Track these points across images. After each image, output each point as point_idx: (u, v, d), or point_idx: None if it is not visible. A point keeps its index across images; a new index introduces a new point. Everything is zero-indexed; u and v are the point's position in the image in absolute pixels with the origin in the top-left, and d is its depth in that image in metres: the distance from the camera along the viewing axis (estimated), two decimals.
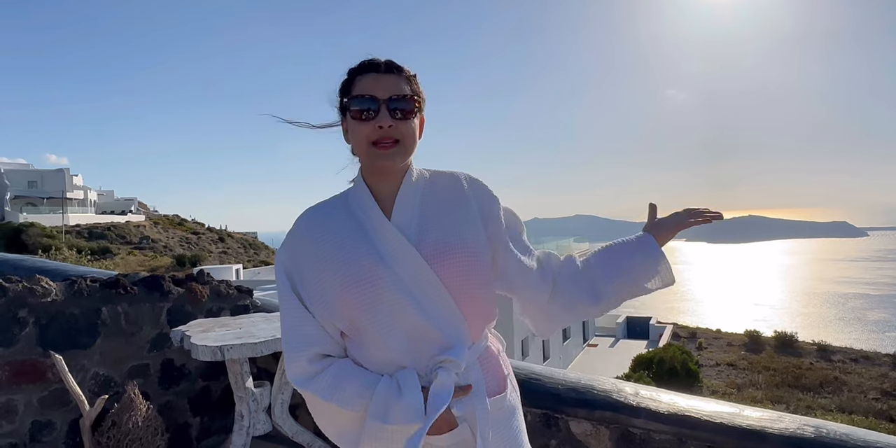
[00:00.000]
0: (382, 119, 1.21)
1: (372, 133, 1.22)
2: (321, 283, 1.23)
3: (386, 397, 1.17)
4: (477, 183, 1.35)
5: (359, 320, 1.22)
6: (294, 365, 1.25)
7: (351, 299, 1.20)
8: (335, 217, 1.29)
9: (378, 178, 1.29)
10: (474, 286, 1.26)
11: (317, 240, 1.26)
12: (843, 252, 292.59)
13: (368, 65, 1.27)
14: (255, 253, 53.45)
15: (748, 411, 2.12)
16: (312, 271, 1.25)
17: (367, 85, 1.24)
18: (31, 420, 2.64)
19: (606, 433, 2.24)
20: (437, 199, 1.30)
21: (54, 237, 38.14)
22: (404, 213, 1.26)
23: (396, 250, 1.22)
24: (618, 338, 31.30)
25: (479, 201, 1.33)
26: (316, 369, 1.23)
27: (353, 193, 1.32)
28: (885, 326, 68.28)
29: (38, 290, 2.68)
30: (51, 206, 50.53)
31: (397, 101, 1.22)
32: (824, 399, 22.98)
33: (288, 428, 2.88)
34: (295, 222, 1.33)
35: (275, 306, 3.52)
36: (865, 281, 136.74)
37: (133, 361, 2.97)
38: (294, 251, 1.29)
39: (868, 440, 1.88)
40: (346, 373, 1.23)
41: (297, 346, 1.25)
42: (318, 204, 1.35)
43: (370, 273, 1.20)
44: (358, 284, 1.20)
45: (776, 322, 58.68)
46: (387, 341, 1.21)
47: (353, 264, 1.21)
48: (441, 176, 1.34)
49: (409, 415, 1.15)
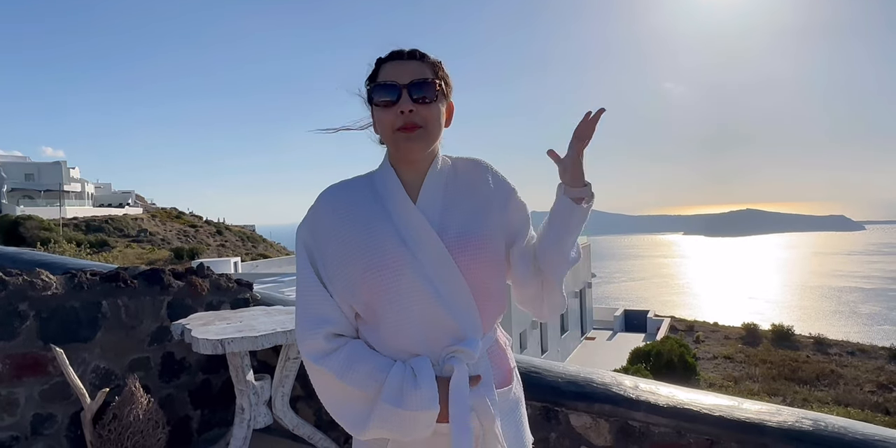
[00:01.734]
0: (403, 103, 1.22)
1: (396, 119, 1.23)
2: (343, 265, 1.24)
3: (401, 383, 1.18)
4: (496, 173, 1.37)
5: (377, 304, 1.23)
6: (309, 341, 1.25)
7: (372, 283, 1.22)
8: (360, 198, 1.30)
9: (405, 166, 1.30)
10: (491, 277, 1.28)
11: (341, 220, 1.27)
12: (840, 246, 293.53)
13: (393, 53, 1.28)
14: (253, 246, 53.41)
15: (747, 404, 2.13)
16: (334, 251, 1.25)
17: (389, 72, 1.25)
18: (33, 413, 2.65)
19: (606, 426, 2.25)
20: (460, 188, 1.31)
21: (52, 230, 38.06)
22: (429, 200, 1.27)
23: (420, 236, 1.23)
24: (615, 331, 31.38)
25: (498, 190, 1.34)
26: (332, 347, 1.24)
27: (378, 176, 1.32)
28: (878, 319, 68.70)
29: (39, 284, 2.68)
30: (48, 198, 50.38)
31: (418, 85, 1.23)
32: (821, 392, 23.11)
33: (288, 421, 2.89)
34: (317, 199, 1.33)
35: (275, 300, 3.53)
36: (860, 274, 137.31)
37: (134, 355, 2.98)
38: (316, 229, 1.29)
39: (866, 433, 1.89)
40: (360, 353, 1.24)
41: (313, 322, 1.25)
42: (342, 182, 1.35)
43: (393, 258, 1.21)
44: (380, 269, 1.21)
45: (773, 315, 58.96)
46: (403, 328, 1.23)
47: (377, 248, 1.22)
48: (463, 162, 1.36)
49: (424, 402, 1.17)
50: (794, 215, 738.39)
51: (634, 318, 32.91)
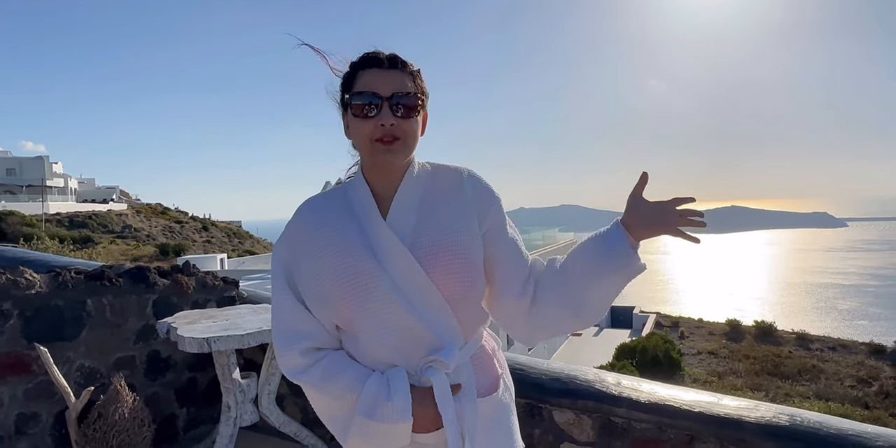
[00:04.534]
0: (385, 117, 1.19)
1: (374, 131, 1.20)
2: (318, 279, 1.23)
3: (375, 394, 1.19)
4: (479, 181, 1.32)
5: (353, 317, 1.23)
6: (286, 357, 1.26)
7: (345, 296, 1.21)
8: (333, 211, 1.29)
9: (378, 176, 1.27)
10: (468, 287, 1.25)
11: (314, 234, 1.26)
12: (822, 242, 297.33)
13: (371, 59, 1.23)
14: (239, 242, 53.04)
15: (726, 400, 2.18)
16: (309, 266, 1.25)
17: (370, 81, 1.21)
18: (17, 412, 2.63)
19: (589, 422, 2.29)
20: (437, 199, 1.28)
21: (34, 226, 37.55)
22: (401, 213, 1.25)
23: (390, 251, 1.21)
24: (602, 327, 31.59)
25: (479, 200, 1.30)
26: (308, 362, 1.25)
27: (351, 188, 1.30)
28: (855, 315, 69.87)
29: (22, 282, 2.67)
30: (30, 193, 49.66)
31: (400, 98, 1.20)
32: (802, 387, 23.46)
33: (275, 418, 2.90)
34: (294, 214, 1.32)
35: (261, 298, 3.52)
36: (838, 271, 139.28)
37: (119, 353, 2.97)
38: (292, 244, 1.29)
39: (840, 428, 1.94)
40: (337, 366, 1.24)
41: (289, 338, 1.26)
42: (317, 196, 1.34)
43: (365, 274, 1.20)
44: (352, 282, 1.20)
45: (756, 311, 59.64)
46: (378, 340, 1.23)
47: (348, 263, 1.21)
48: (444, 170, 1.32)
49: (395, 414, 1.17)
50: (778, 212, 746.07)
51: (620, 314, 33.15)
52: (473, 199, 1.29)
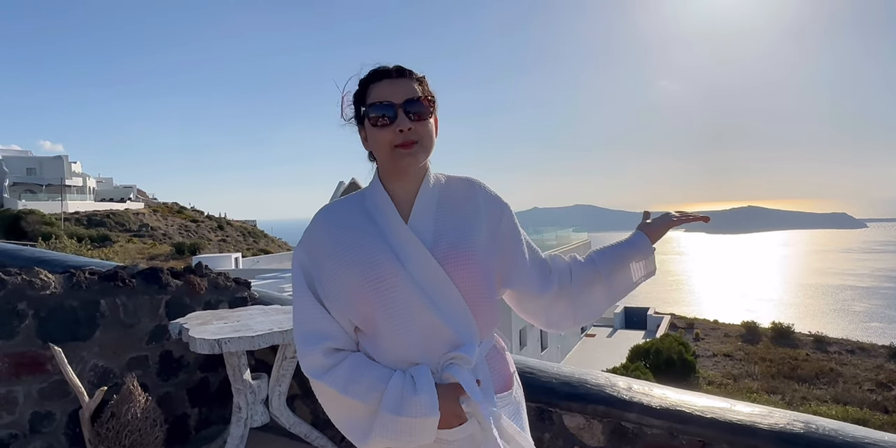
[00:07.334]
0: (401, 122, 1.26)
1: (394, 137, 1.27)
2: (340, 282, 1.28)
3: (401, 391, 1.22)
4: (488, 191, 1.42)
5: (375, 317, 1.27)
6: (309, 358, 1.29)
7: (368, 297, 1.26)
8: (353, 217, 1.34)
9: (397, 183, 1.34)
10: (483, 286, 1.32)
11: (335, 239, 1.31)
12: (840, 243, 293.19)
13: (380, 72, 1.32)
14: (254, 241, 53.45)
15: (739, 406, 2.14)
16: (330, 269, 1.30)
17: (382, 91, 1.29)
18: (31, 411, 2.67)
19: (599, 427, 2.27)
20: (452, 205, 1.36)
21: (53, 224, 38.12)
22: (422, 217, 1.32)
23: (412, 253, 1.27)
24: (615, 328, 31.41)
25: (491, 207, 1.39)
26: (331, 362, 1.28)
27: (369, 195, 1.36)
28: (871, 317, 68.92)
29: (37, 283, 2.70)
30: (49, 193, 50.43)
31: (412, 103, 1.27)
32: (820, 390, 23.15)
33: (285, 419, 2.91)
34: (312, 220, 1.38)
35: (273, 299, 3.54)
36: (856, 272, 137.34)
37: (132, 353, 3.00)
38: (312, 249, 1.34)
39: (857, 436, 1.91)
40: (361, 366, 1.27)
41: (312, 339, 1.29)
42: (335, 202, 1.40)
43: (387, 273, 1.25)
44: (376, 284, 1.25)
45: (771, 312, 58.94)
46: (401, 338, 1.26)
47: (371, 264, 1.26)
48: (456, 181, 1.41)
49: (424, 408, 1.20)
50: (796, 213, 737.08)
51: (634, 315, 32.93)
52: (486, 207, 1.39)
